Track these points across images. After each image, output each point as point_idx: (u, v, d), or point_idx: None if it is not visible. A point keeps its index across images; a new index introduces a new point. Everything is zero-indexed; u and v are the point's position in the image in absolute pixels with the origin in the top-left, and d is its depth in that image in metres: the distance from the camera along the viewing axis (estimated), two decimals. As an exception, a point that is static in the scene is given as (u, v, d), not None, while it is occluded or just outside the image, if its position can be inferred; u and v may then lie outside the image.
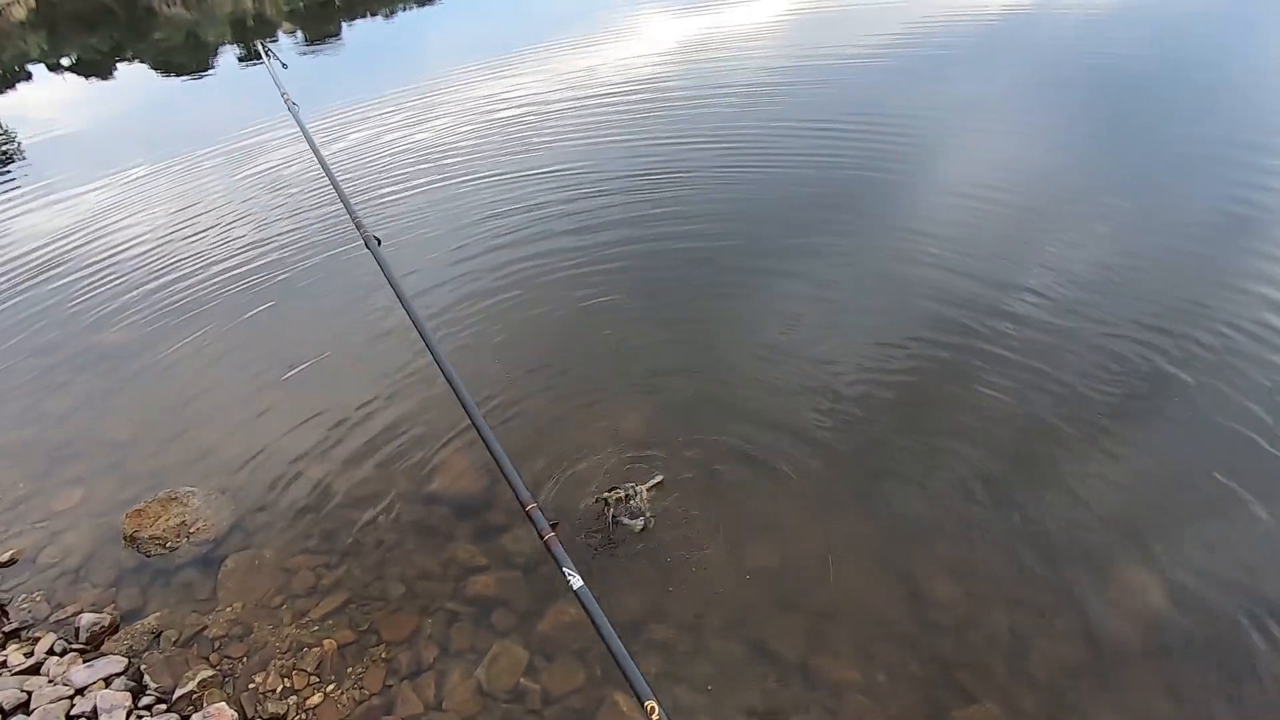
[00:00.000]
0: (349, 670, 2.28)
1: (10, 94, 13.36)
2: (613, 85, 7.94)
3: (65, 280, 4.88)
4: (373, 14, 17.24)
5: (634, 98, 7.38)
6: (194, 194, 6.25)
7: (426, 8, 17.60)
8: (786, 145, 5.76)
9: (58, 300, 4.63)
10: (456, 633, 2.40)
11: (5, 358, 4.07)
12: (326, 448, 3.13)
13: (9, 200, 6.79)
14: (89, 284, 4.78)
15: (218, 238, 5.28)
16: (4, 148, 9.28)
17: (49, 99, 12.66)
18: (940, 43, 8.44)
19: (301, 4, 20.26)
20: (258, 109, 9.14)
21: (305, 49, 14.16)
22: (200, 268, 4.82)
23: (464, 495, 2.91)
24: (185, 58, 15.07)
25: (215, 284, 4.58)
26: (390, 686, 2.24)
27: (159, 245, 5.26)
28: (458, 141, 6.78)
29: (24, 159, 8.69)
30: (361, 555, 2.69)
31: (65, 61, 15.71)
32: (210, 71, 12.97)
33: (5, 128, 10.38)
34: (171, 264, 4.92)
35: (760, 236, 4.46)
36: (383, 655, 2.33)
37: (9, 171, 8.00)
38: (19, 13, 20.13)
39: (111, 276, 4.86)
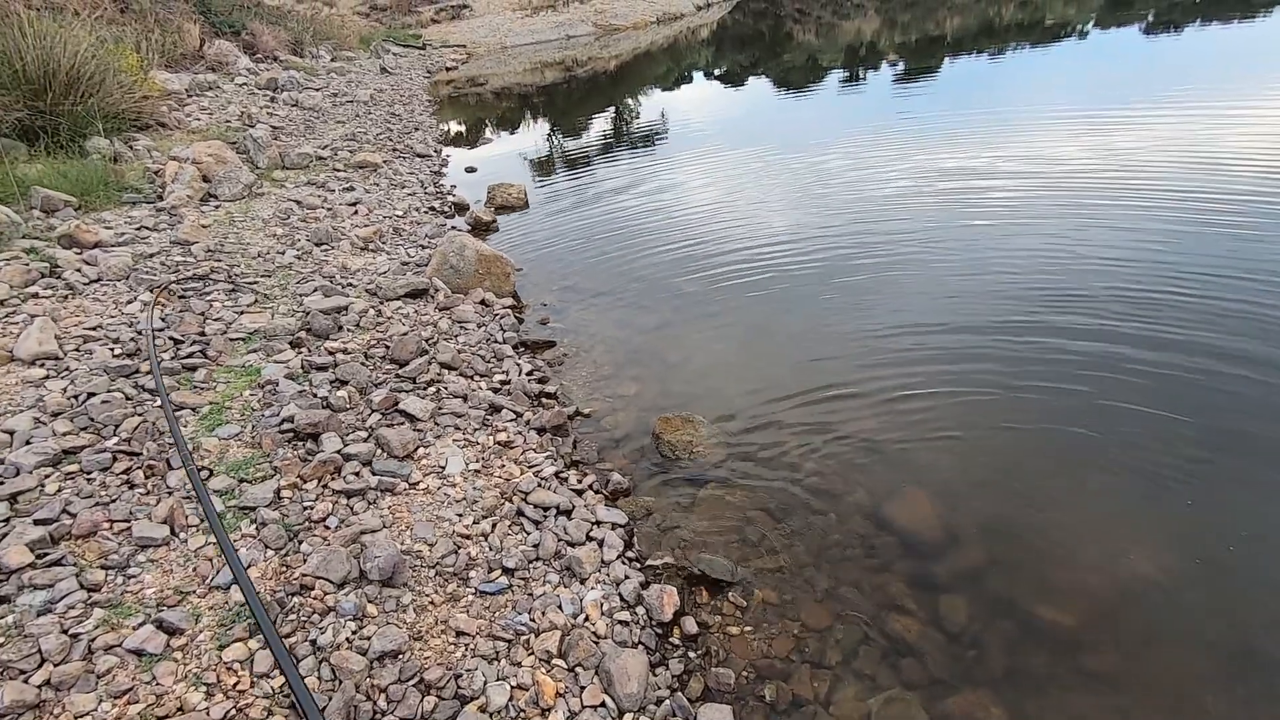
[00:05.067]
0: (765, 625, 2.55)
1: (674, 90, 17.74)
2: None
3: (666, 239, 6.39)
4: (979, 52, 17.15)
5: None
6: (762, 186, 7.39)
7: (1039, 49, 16.61)
8: None
9: (671, 250, 6.09)
10: (864, 654, 2.44)
11: (601, 285, 5.58)
12: (815, 433, 3.46)
13: (643, 165, 9.13)
14: (687, 245, 6.16)
15: (787, 226, 6.16)
16: (657, 127, 12.54)
17: (695, 96, 16.35)
18: None
19: (914, 39, 21.40)
20: (838, 125, 10.18)
21: (898, 77, 15.05)
22: (772, 248, 5.73)
23: (916, 536, 2.88)
24: (798, 76, 17.62)
25: (776, 266, 5.39)
26: (793, 660, 2.42)
27: (737, 222, 6.41)
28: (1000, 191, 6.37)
29: (664, 138, 11.53)
30: (805, 537, 2.92)
31: (716, 71, 20.04)
32: (812, 89, 14.89)
33: (663, 115, 13.93)
34: (747, 240, 5.96)
35: None
36: (795, 631, 2.53)
37: (656, 145, 10.72)
38: (703, 34, 26.38)
39: (699, 242, 6.15)
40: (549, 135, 13.07)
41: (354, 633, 2.21)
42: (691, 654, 2.43)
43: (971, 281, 4.83)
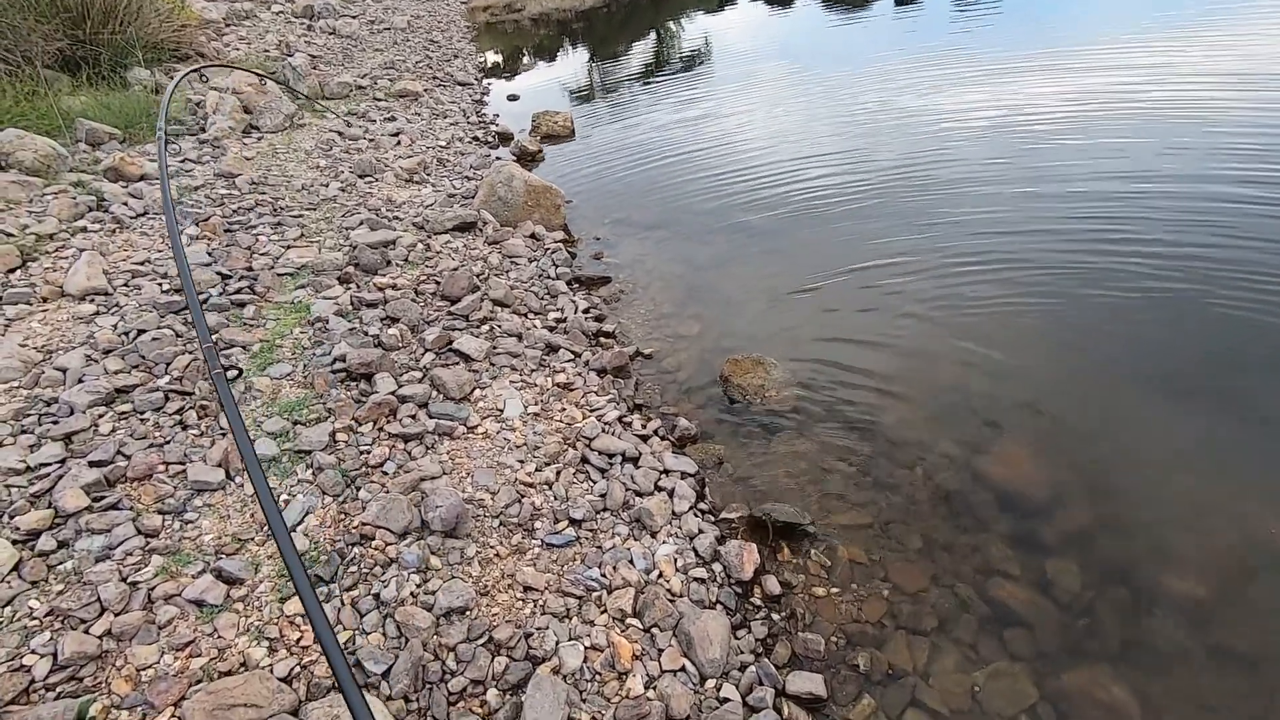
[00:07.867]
0: (853, 586, 2.35)
1: (720, 11, 16.66)
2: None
3: (720, 168, 5.97)
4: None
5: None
6: (815, 111, 6.85)
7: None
8: None
9: (725, 179, 5.70)
10: (963, 622, 2.22)
11: (655, 217, 5.24)
12: (896, 376, 3.19)
13: (691, 92, 8.57)
14: (742, 173, 5.75)
15: (844, 151, 5.69)
16: (703, 51, 11.78)
17: (740, 20, 15.33)
18: None
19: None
20: (892, 45, 9.40)
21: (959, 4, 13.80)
22: (830, 175, 5.30)
23: (1016, 492, 2.61)
24: (854, -5, 16.35)
25: (836, 194, 4.98)
26: (885, 626, 2.23)
27: (791, 148, 5.95)
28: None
29: (711, 62, 10.81)
30: (892, 491, 2.69)
31: (767, -10, 18.74)
32: (867, 6, 13.78)
33: (707, 39, 13.08)
34: (803, 166, 5.53)
35: None
36: (885, 594, 2.32)
37: (703, 70, 10.06)
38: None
39: (755, 170, 5.73)
40: (590, 62, 12.44)
41: (418, 586, 2.09)
42: (775, 616, 2.26)
43: (1051, 203, 4.36)
